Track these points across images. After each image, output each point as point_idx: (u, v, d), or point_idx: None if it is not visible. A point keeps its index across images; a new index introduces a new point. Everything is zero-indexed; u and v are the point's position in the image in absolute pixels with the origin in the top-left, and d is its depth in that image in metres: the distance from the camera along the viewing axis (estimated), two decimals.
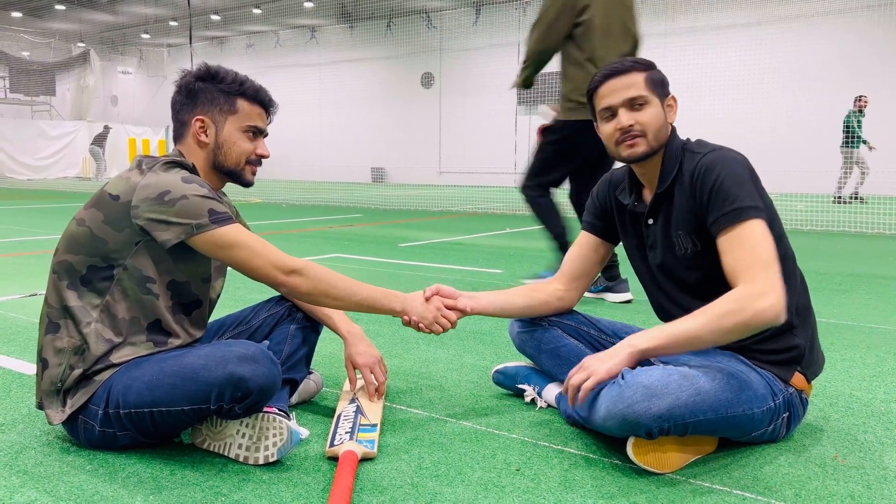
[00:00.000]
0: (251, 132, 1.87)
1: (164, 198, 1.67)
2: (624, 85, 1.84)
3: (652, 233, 1.92)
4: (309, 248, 6.08)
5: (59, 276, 1.74)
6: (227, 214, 1.72)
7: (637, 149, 1.84)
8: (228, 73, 1.86)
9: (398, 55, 23.23)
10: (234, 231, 1.71)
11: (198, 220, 1.68)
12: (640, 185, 1.96)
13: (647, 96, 1.83)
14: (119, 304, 1.73)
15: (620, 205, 2.01)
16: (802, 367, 1.82)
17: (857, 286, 4.39)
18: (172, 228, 1.67)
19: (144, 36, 26.73)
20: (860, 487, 1.60)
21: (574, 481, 1.61)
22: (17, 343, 2.81)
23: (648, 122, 1.83)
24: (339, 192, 16.60)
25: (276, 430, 1.65)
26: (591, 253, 2.10)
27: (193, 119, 1.83)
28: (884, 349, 2.86)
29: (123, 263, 1.72)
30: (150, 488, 1.54)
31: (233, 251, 1.71)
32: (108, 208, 1.71)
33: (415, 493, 1.54)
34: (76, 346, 1.70)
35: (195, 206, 1.68)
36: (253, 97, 1.87)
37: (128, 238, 1.70)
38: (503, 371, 2.23)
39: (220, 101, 1.84)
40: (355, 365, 2.05)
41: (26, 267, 4.78)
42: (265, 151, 1.91)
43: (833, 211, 10.60)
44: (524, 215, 10.11)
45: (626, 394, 1.61)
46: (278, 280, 1.74)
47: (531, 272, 4.59)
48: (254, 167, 1.91)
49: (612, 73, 1.85)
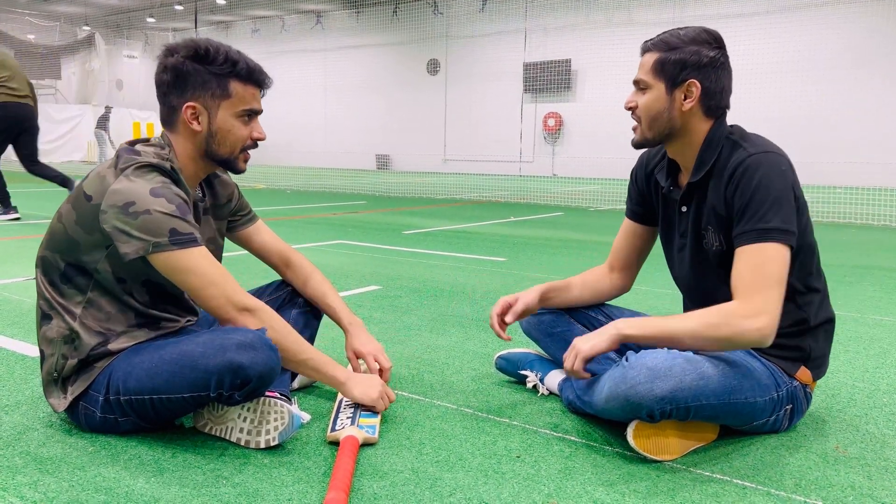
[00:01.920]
0: (246, 115, 1.76)
1: (129, 209, 1.59)
2: (641, 63, 1.78)
3: (684, 220, 1.87)
4: (313, 234, 6.08)
5: (42, 272, 1.74)
6: (190, 236, 1.63)
7: (634, 135, 1.82)
8: (219, 53, 1.71)
9: (404, 41, 23.13)
10: (192, 256, 1.62)
11: (157, 239, 1.59)
12: (676, 168, 1.90)
13: (648, 81, 1.76)
14: (102, 300, 1.72)
15: (658, 186, 1.95)
16: (808, 365, 1.82)
17: (863, 278, 4.37)
18: (132, 242, 1.60)
19: (150, 20, 26.65)
20: (861, 478, 1.60)
21: (574, 468, 1.62)
22: (20, 325, 2.82)
23: (642, 109, 1.78)
24: (343, 178, 16.58)
25: (277, 414, 1.66)
26: (636, 240, 2.07)
27: (184, 106, 1.72)
28: (887, 341, 2.85)
29: (96, 268, 1.68)
30: (151, 471, 1.55)
31: (187, 277, 1.63)
32: (82, 208, 1.66)
33: (415, 479, 1.54)
34: (65, 336, 1.70)
35: (157, 223, 1.59)
36: (247, 78, 1.74)
37: (97, 242, 1.66)
38: (506, 357, 2.23)
39: (212, 84, 1.71)
40: (358, 354, 2.04)
41: (29, 250, 4.79)
42: (261, 134, 1.80)
43: (839, 202, 10.55)
44: (529, 204, 10.10)
45: (629, 374, 1.60)
46: (229, 315, 1.67)
47: (535, 261, 4.57)
48: (248, 154, 1.81)
49: (644, 49, 1.80)
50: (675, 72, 1.73)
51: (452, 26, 22.12)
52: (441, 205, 9.74)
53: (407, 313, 3.15)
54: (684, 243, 1.89)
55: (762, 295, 1.61)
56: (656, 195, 1.97)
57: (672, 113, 1.76)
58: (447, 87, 22.51)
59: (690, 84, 1.73)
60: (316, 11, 24.72)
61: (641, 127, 1.80)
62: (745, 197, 1.67)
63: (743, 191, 1.67)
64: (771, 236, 1.63)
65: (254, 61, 1.77)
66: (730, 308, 1.64)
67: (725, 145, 1.76)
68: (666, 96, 1.75)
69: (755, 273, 1.63)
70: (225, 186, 1.98)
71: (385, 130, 23.83)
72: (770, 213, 1.64)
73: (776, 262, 1.63)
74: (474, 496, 1.47)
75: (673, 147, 1.83)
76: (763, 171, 1.66)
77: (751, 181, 1.66)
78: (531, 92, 20.56)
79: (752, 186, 1.66)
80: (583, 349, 1.71)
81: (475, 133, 21.99)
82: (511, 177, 19.16)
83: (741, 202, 1.67)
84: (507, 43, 20.86)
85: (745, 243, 1.66)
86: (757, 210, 1.65)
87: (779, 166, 1.67)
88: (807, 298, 1.79)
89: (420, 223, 7.21)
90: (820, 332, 1.82)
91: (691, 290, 1.94)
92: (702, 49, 1.73)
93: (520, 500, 1.46)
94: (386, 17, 23.17)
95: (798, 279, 1.76)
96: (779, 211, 1.64)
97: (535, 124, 20.84)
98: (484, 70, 21.57)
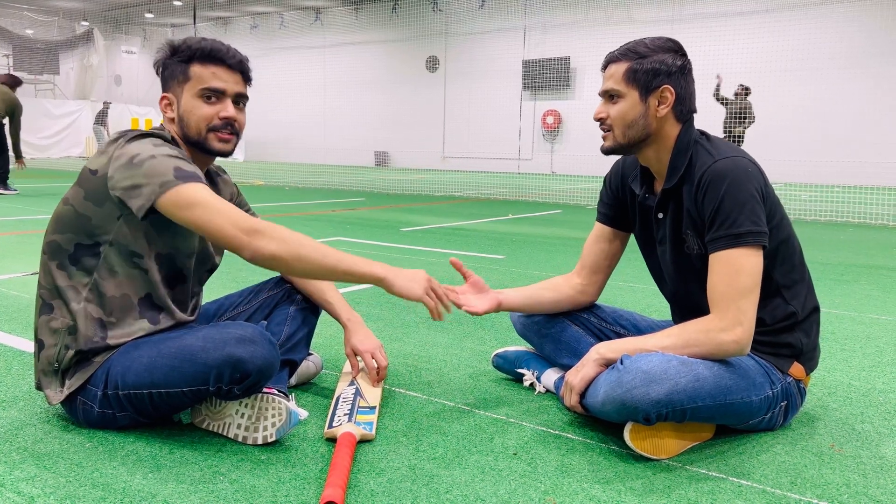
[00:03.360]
0: (208, 95, 1.74)
1: (133, 160, 1.62)
2: (608, 75, 1.81)
3: (662, 227, 1.89)
4: (312, 230, 6.08)
5: (48, 257, 1.74)
6: (193, 173, 1.63)
7: (605, 143, 1.84)
8: (185, 42, 1.75)
9: (403, 38, 23.10)
10: (196, 188, 1.60)
11: (164, 178, 1.59)
12: (650, 176, 1.92)
13: (620, 90, 1.78)
14: (107, 282, 1.71)
15: (634, 194, 1.97)
16: (801, 360, 1.83)
17: (859, 277, 4.38)
18: (143, 191, 1.59)
19: (148, 15, 26.59)
20: (856, 476, 1.61)
21: (571, 466, 1.62)
22: (18, 321, 2.82)
23: (615, 118, 1.79)
24: (342, 175, 16.57)
25: (275, 410, 1.66)
26: (606, 245, 2.06)
27: (160, 99, 1.80)
28: (883, 340, 2.86)
29: (108, 240, 1.69)
30: (149, 466, 1.55)
31: (193, 210, 1.58)
32: (89, 184, 1.68)
33: (412, 476, 1.55)
34: (69, 326, 1.70)
35: (162, 164, 1.61)
36: (205, 58, 1.74)
37: (109, 212, 1.67)
38: (503, 355, 2.24)
39: (177, 72, 1.76)
40: (356, 351, 2.03)
41: (28, 246, 4.79)
42: (229, 112, 1.75)
43: (837, 201, 10.56)
44: (527, 201, 10.10)
45: (624, 379, 1.61)
46: (239, 240, 1.57)
47: (533, 258, 4.58)
48: (220, 133, 1.75)
49: (608, 60, 1.82)
50: (647, 79, 1.77)
51: (452, 23, 22.10)
52: (439, 202, 9.74)
53: (405, 310, 3.16)
54: (664, 250, 1.90)
55: (736, 305, 1.66)
56: (631, 205, 1.99)
57: (647, 119, 1.79)
58: (446, 84, 22.49)
59: (664, 90, 1.77)
60: (315, 8, 24.67)
61: (614, 134, 1.81)
62: (714, 203, 1.70)
63: (711, 197, 1.71)
64: (743, 240, 1.67)
65: (221, 44, 1.76)
66: (706, 323, 1.69)
67: (695, 151, 1.80)
68: (640, 103, 1.78)
69: (729, 285, 1.67)
70: (226, 185, 1.99)
71: (384, 127, 23.81)
72: (741, 217, 1.67)
73: (748, 271, 1.67)
74: (471, 493, 1.47)
75: (645, 153, 1.85)
76: (730, 176, 1.70)
77: (718, 188, 1.70)
78: (530, 89, 20.55)
79: (721, 193, 1.69)
80: (575, 384, 1.77)
81: (474, 130, 21.98)
82: (510, 174, 19.15)
83: (711, 208, 1.71)
84: (506, 40, 20.85)
85: (718, 249, 1.70)
86: (728, 215, 1.68)
87: (744, 169, 1.71)
88: (793, 291, 1.81)
89: (418, 220, 7.21)
90: (809, 323, 1.84)
91: (677, 297, 1.96)
92: (670, 57, 1.77)
93: (517, 497, 1.46)
94: (385, 14, 23.14)
95: (782, 274, 1.79)
96: (749, 214, 1.68)
97: (534, 122, 20.84)
98: (483, 67, 21.56)
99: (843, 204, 10.12)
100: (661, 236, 1.89)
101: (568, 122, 20.24)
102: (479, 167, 21.55)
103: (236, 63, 1.77)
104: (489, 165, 21.47)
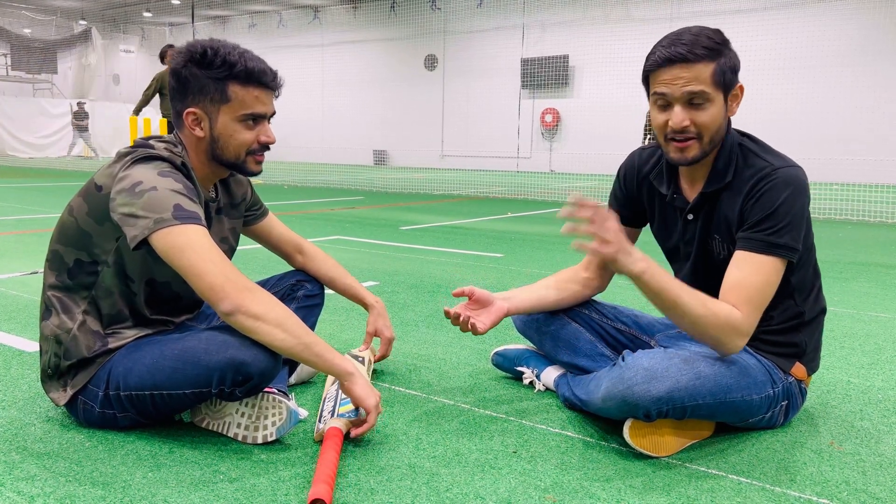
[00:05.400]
0: (250, 120, 1.70)
1: (136, 188, 1.56)
2: (687, 78, 1.61)
3: (690, 229, 1.83)
4: (310, 230, 6.08)
5: (50, 265, 1.74)
6: (194, 214, 1.56)
7: (688, 153, 1.68)
8: (218, 55, 1.64)
9: (402, 37, 23.07)
10: (193, 231, 1.54)
11: (160, 215, 1.53)
12: (675, 173, 1.84)
13: (710, 94, 1.62)
14: (103, 301, 1.71)
15: (654, 190, 1.90)
16: (803, 361, 1.83)
17: (858, 274, 4.38)
18: (138, 223, 1.54)
19: (146, 14, 26.54)
20: (856, 474, 1.61)
21: (570, 464, 1.62)
22: (17, 321, 2.81)
23: (706, 124, 1.64)
24: (341, 174, 16.56)
25: (275, 409, 1.66)
26: None
27: (185, 112, 1.68)
28: (882, 337, 2.86)
29: (106, 260, 1.67)
30: (149, 466, 1.55)
31: (185, 253, 1.52)
32: (93, 200, 1.65)
33: (412, 474, 1.55)
34: (56, 336, 1.69)
35: (162, 198, 1.54)
36: (246, 80, 1.66)
37: (109, 233, 1.64)
38: (503, 353, 2.24)
39: (210, 89, 1.65)
40: (379, 334, 2.10)
41: (27, 245, 4.79)
42: (269, 138, 1.73)
43: (835, 199, 10.57)
44: (526, 200, 10.09)
45: (626, 375, 1.61)
46: (226, 294, 1.52)
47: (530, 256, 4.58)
48: (258, 156, 1.74)
49: (677, 59, 1.61)
50: (729, 79, 1.65)
51: (450, 22, 22.07)
52: (438, 200, 9.74)
53: (404, 309, 3.16)
54: (689, 251, 1.86)
55: (756, 315, 1.66)
56: (649, 200, 1.94)
57: (724, 121, 1.70)
58: (445, 82, 22.47)
59: (739, 88, 1.68)
60: (313, 6, 24.65)
61: (702, 142, 1.67)
62: (766, 209, 1.65)
63: (765, 203, 1.65)
64: (778, 251, 1.65)
65: (258, 61, 1.69)
66: (735, 320, 1.63)
67: (740, 154, 1.73)
68: (724, 105, 1.68)
69: (754, 291, 1.64)
70: (239, 185, 1.96)
71: (382, 126, 23.79)
72: (785, 229, 1.64)
73: (773, 283, 1.67)
74: (471, 491, 1.47)
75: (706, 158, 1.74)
76: (793, 186, 1.65)
77: (777, 196, 1.64)
78: (529, 88, 20.53)
79: (778, 201, 1.64)
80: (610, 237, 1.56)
81: (473, 129, 21.96)
82: (508, 173, 19.14)
83: (761, 213, 1.65)
84: (504, 38, 20.82)
85: (751, 250, 1.66)
86: (775, 224, 1.64)
87: (804, 184, 1.67)
88: (805, 293, 1.81)
89: (417, 219, 7.21)
90: (815, 324, 1.84)
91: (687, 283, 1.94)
92: (733, 51, 1.67)
93: (516, 495, 1.47)
94: (384, 13, 23.12)
95: (799, 278, 1.78)
96: (792, 230, 1.65)
97: (533, 120, 20.82)
98: (481, 66, 21.54)
99: (841, 202, 10.12)
100: (689, 237, 1.85)
101: (567, 120, 20.22)
102: (477, 165, 21.54)
103: (276, 84, 1.73)
104: (488, 164, 21.45)
